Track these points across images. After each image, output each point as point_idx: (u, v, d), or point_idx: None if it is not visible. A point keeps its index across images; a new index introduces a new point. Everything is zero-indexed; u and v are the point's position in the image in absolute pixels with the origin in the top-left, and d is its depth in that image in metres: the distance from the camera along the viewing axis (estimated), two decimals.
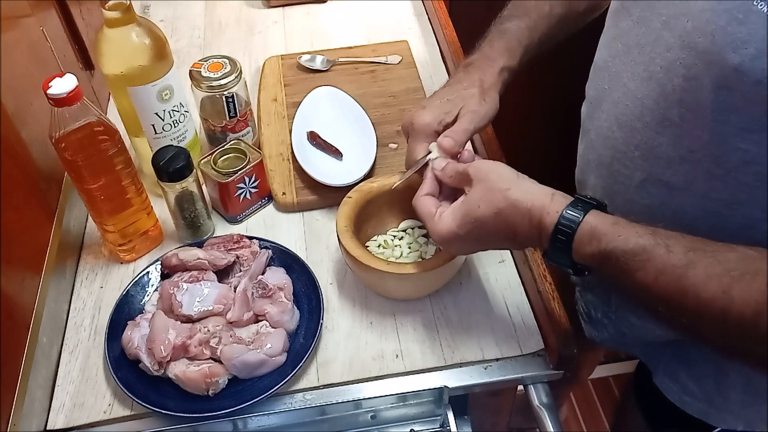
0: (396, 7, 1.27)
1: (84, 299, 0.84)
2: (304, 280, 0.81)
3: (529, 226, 0.59)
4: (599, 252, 0.54)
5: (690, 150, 0.58)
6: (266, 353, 0.72)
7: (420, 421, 0.76)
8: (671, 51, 0.57)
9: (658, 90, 0.59)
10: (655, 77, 0.59)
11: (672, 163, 0.61)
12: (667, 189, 0.62)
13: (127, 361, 0.74)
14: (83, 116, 0.73)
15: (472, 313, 0.80)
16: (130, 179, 0.80)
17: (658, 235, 0.53)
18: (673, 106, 0.58)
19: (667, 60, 0.57)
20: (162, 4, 1.29)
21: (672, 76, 0.57)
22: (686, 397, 0.76)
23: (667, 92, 0.58)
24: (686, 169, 0.60)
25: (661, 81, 0.58)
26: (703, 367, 0.73)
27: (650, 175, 0.63)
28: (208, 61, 0.90)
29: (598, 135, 0.70)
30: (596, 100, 0.70)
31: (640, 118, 0.62)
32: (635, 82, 0.62)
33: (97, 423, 0.73)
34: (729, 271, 0.49)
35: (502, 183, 0.61)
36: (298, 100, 1.01)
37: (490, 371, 0.75)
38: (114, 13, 0.77)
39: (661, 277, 0.51)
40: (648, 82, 0.60)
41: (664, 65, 0.58)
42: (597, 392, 1.73)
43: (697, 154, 0.58)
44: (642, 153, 0.63)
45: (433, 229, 0.65)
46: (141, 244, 0.87)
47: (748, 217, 0.58)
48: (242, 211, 0.90)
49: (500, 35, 0.78)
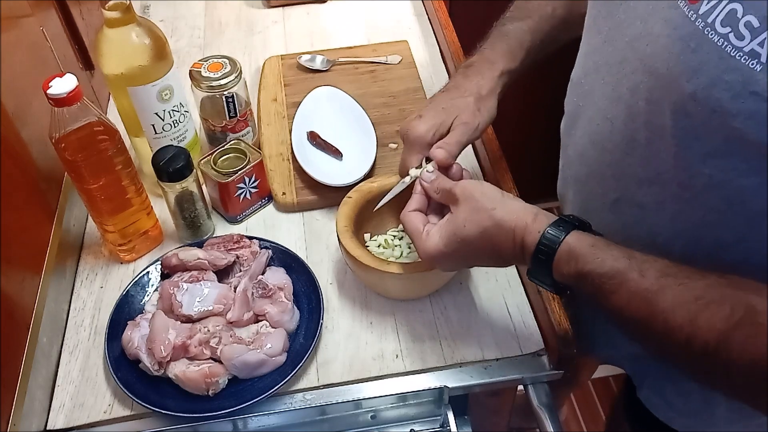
0: (396, 7, 1.27)
1: (84, 299, 0.84)
2: (304, 280, 0.81)
3: (513, 245, 0.59)
4: (576, 272, 0.55)
5: (657, 172, 0.58)
6: (266, 353, 0.72)
7: (420, 421, 0.76)
8: (635, 73, 0.56)
9: (625, 111, 0.59)
10: (622, 98, 0.59)
11: (642, 185, 0.61)
12: (640, 209, 0.62)
13: (127, 361, 0.74)
14: (83, 116, 0.73)
15: (472, 313, 0.80)
16: (130, 179, 0.80)
17: (633, 260, 0.53)
18: (640, 128, 0.58)
19: (633, 81, 0.57)
20: (162, 4, 1.29)
21: (637, 99, 0.57)
22: (672, 413, 0.76)
23: (634, 114, 0.58)
24: (655, 190, 0.60)
25: (627, 102, 0.58)
26: (689, 383, 0.73)
27: (623, 195, 0.64)
28: (208, 61, 0.90)
29: (575, 152, 0.70)
30: (572, 115, 0.70)
31: (610, 138, 0.62)
32: (605, 101, 0.62)
33: (97, 423, 0.73)
34: (697, 299, 0.50)
35: (488, 203, 0.62)
36: (298, 100, 1.01)
37: (490, 371, 0.75)
38: (114, 13, 0.77)
39: (632, 301, 0.52)
40: (616, 102, 0.60)
41: (630, 87, 0.57)
42: (597, 392, 1.73)
43: (664, 176, 0.58)
44: (614, 173, 0.63)
45: (421, 247, 0.66)
46: (141, 244, 0.87)
47: (719, 240, 0.58)
48: (242, 211, 0.90)
49: (501, 37, 0.78)
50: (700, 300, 0.49)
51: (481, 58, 0.77)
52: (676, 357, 0.53)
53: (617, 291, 0.53)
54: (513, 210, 0.60)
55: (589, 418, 1.69)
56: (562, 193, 0.78)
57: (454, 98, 0.75)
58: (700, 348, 0.49)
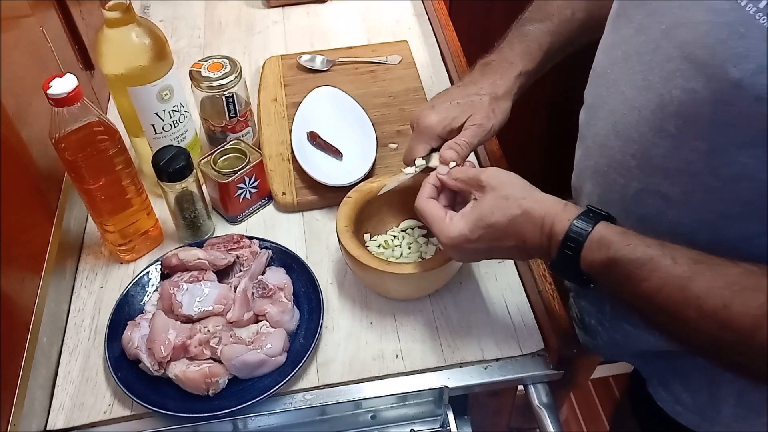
0: (396, 7, 1.27)
1: (84, 299, 0.84)
2: (304, 280, 0.81)
3: (540, 233, 0.60)
4: (607, 259, 0.55)
5: (687, 161, 0.58)
6: (266, 353, 0.72)
7: (420, 421, 0.76)
8: (671, 61, 0.56)
9: (656, 100, 0.58)
10: (653, 87, 0.59)
11: (668, 175, 0.60)
12: (664, 200, 0.62)
13: (127, 361, 0.74)
14: (83, 116, 0.73)
15: (472, 313, 0.80)
16: (130, 179, 0.80)
17: (665, 247, 0.54)
18: (671, 117, 0.57)
19: (667, 70, 0.57)
20: (162, 4, 1.29)
21: (671, 87, 0.56)
22: (679, 408, 0.76)
23: (665, 103, 0.57)
24: (683, 180, 0.59)
25: (659, 91, 0.58)
26: (697, 379, 0.73)
27: (647, 186, 0.63)
28: (208, 61, 0.90)
29: (595, 142, 0.70)
30: (594, 106, 0.70)
31: (637, 127, 0.61)
32: (633, 90, 0.62)
33: (97, 423, 0.73)
34: (731, 285, 0.50)
35: (517, 191, 0.62)
36: (298, 100, 1.01)
37: (490, 371, 0.75)
38: (114, 13, 0.77)
39: (665, 288, 0.52)
40: (646, 91, 0.60)
41: (663, 75, 0.57)
42: (597, 392, 1.73)
43: (694, 165, 0.58)
44: (638, 163, 0.63)
45: (443, 231, 0.65)
46: (141, 244, 0.87)
47: (745, 231, 0.58)
48: (242, 211, 0.90)
49: (521, 37, 0.78)
50: (734, 286, 0.50)
51: (500, 57, 0.77)
52: (706, 345, 0.53)
53: (649, 278, 0.53)
54: (542, 200, 0.61)
55: (589, 418, 1.69)
56: (577, 186, 0.77)
57: (470, 95, 0.75)
58: (734, 335, 0.49)
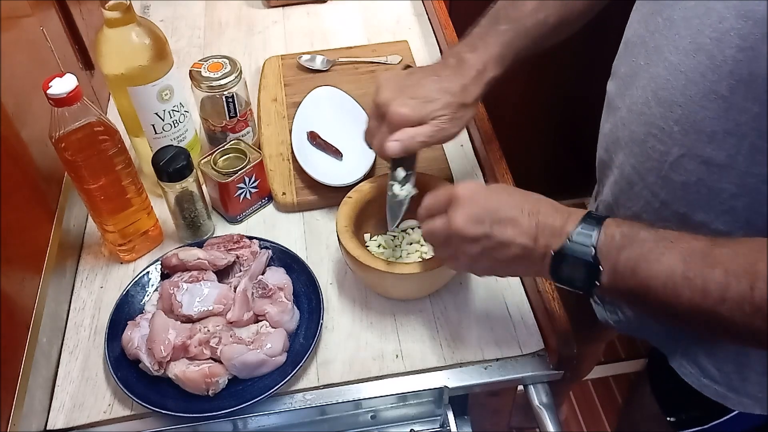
0: (396, 7, 1.27)
1: (84, 299, 0.84)
2: (304, 280, 0.81)
3: (554, 210, 0.60)
4: (629, 231, 0.56)
5: (736, 123, 0.58)
6: (266, 353, 0.72)
7: (420, 421, 0.76)
8: (724, 22, 0.56)
9: (706, 62, 0.58)
10: (703, 49, 0.58)
11: (714, 138, 0.60)
12: (706, 165, 0.62)
13: (127, 361, 0.74)
14: (83, 116, 0.73)
15: (472, 313, 0.80)
16: (130, 179, 0.80)
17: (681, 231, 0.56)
18: (723, 78, 0.57)
19: (719, 31, 0.57)
20: (162, 4, 1.29)
21: (724, 47, 0.56)
22: (705, 380, 0.76)
23: (717, 64, 0.57)
24: (730, 143, 0.60)
25: (710, 53, 0.58)
26: (723, 349, 0.73)
27: (689, 151, 0.63)
28: (208, 61, 0.90)
29: (631, 111, 0.69)
30: (629, 76, 0.70)
31: (683, 92, 0.61)
32: (678, 55, 0.61)
33: (97, 423, 0.73)
34: (753, 249, 0.51)
35: None
36: (298, 100, 1.01)
37: (490, 371, 0.75)
38: (114, 13, 0.77)
39: (688, 257, 0.53)
40: (695, 54, 0.59)
41: (715, 36, 0.57)
42: (597, 392, 1.73)
43: (743, 127, 0.58)
44: (682, 128, 0.63)
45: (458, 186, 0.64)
46: (141, 244, 0.87)
47: None
48: (242, 211, 0.90)
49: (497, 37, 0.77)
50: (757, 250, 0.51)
51: (474, 57, 0.76)
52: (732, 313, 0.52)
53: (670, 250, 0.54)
54: None
55: (589, 418, 1.69)
56: (605, 158, 0.77)
57: (444, 92, 0.74)
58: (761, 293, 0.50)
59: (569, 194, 2.07)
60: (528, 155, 1.56)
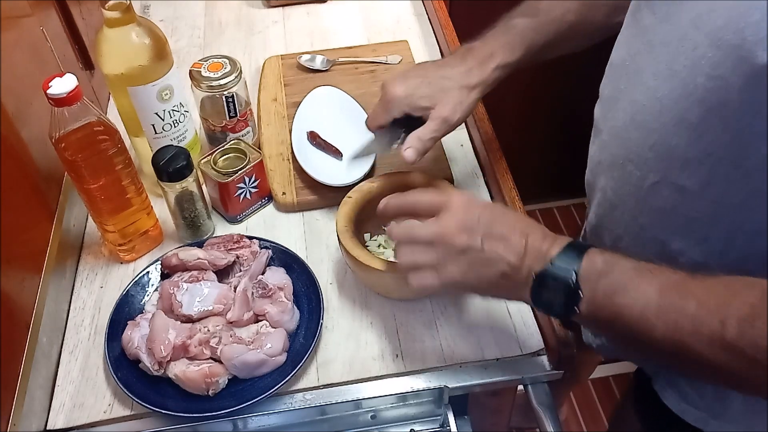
0: (396, 7, 1.27)
1: (84, 299, 0.84)
2: (304, 280, 0.81)
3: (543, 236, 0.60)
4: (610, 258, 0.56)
5: (707, 152, 0.58)
6: (266, 353, 0.72)
7: (420, 421, 0.76)
8: (697, 49, 0.56)
9: (679, 89, 0.58)
10: (677, 75, 0.58)
11: (688, 165, 0.60)
12: (680, 192, 0.62)
13: (127, 361, 0.74)
14: (83, 116, 0.73)
15: (472, 313, 0.80)
16: (130, 179, 0.80)
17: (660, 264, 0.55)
18: (694, 105, 0.57)
19: (692, 58, 0.56)
20: (162, 4, 1.29)
21: (696, 75, 0.56)
22: (685, 405, 0.76)
23: (689, 91, 0.57)
24: (702, 171, 0.59)
25: (684, 80, 0.58)
26: None
27: (664, 177, 0.63)
28: (208, 61, 0.90)
29: (612, 135, 0.69)
30: (612, 99, 0.70)
31: (658, 117, 0.61)
32: (656, 80, 0.61)
33: (97, 423, 0.73)
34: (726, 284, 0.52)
35: None
36: (298, 100, 1.01)
37: (490, 371, 0.75)
38: (114, 13, 0.77)
39: (665, 289, 0.53)
40: (669, 80, 0.59)
41: (688, 63, 0.57)
42: (597, 392, 1.73)
43: (715, 156, 0.57)
44: (657, 154, 0.63)
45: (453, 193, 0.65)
46: (141, 244, 0.87)
47: (759, 224, 0.58)
48: (242, 211, 0.90)
49: (506, 30, 0.78)
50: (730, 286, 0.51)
51: (481, 45, 0.77)
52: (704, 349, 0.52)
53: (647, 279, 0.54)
54: None
55: (589, 418, 1.69)
56: (591, 180, 0.77)
57: (444, 77, 0.75)
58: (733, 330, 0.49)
59: (569, 194, 2.08)
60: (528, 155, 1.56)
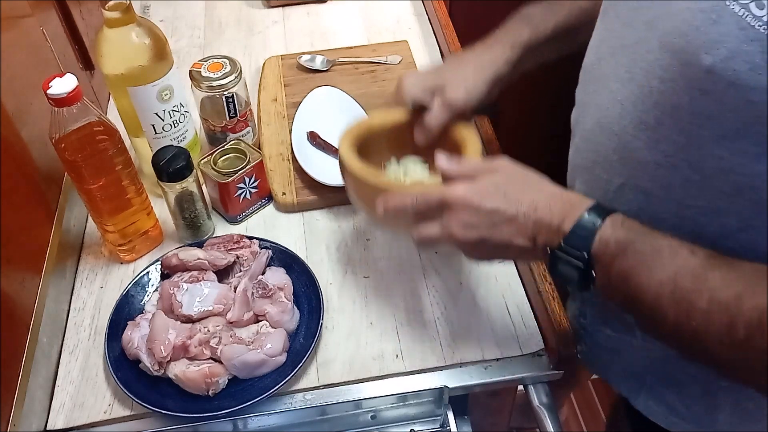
0: (396, 7, 1.27)
1: (84, 299, 0.84)
2: (304, 280, 0.81)
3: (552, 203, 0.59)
4: (624, 238, 0.55)
5: (666, 155, 0.58)
6: (266, 353, 0.72)
7: (420, 421, 0.76)
8: (651, 53, 0.56)
9: (636, 92, 0.58)
10: (635, 79, 0.59)
11: (648, 168, 0.60)
12: (644, 195, 0.62)
13: (127, 361, 0.74)
14: (83, 116, 0.73)
15: (472, 313, 0.80)
16: (130, 179, 0.80)
17: (683, 240, 0.54)
18: (650, 108, 0.57)
19: (647, 61, 0.57)
20: (162, 4, 1.29)
21: (650, 78, 0.56)
22: (673, 418, 0.75)
23: (645, 94, 0.57)
24: (662, 174, 0.59)
25: (640, 83, 0.58)
26: (691, 388, 0.72)
27: (627, 180, 0.63)
28: (208, 61, 0.90)
29: (583, 139, 0.70)
30: (583, 103, 0.70)
31: (619, 121, 0.61)
32: (617, 84, 0.61)
33: (97, 423, 0.73)
34: (745, 277, 0.50)
35: None
36: (298, 100, 1.01)
37: (490, 371, 0.75)
38: (114, 13, 0.77)
39: (679, 276, 0.52)
40: (628, 84, 0.60)
41: (644, 67, 0.57)
42: (597, 392, 1.73)
43: (673, 159, 0.57)
44: (620, 157, 0.63)
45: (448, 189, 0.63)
46: (141, 244, 0.87)
47: (725, 227, 0.57)
48: (242, 211, 0.90)
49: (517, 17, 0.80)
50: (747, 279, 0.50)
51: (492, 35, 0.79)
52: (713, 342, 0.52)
53: (664, 265, 0.53)
54: None
55: (589, 418, 1.69)
56: (570, 184, 0.77)
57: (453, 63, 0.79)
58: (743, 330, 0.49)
59: None
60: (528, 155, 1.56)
